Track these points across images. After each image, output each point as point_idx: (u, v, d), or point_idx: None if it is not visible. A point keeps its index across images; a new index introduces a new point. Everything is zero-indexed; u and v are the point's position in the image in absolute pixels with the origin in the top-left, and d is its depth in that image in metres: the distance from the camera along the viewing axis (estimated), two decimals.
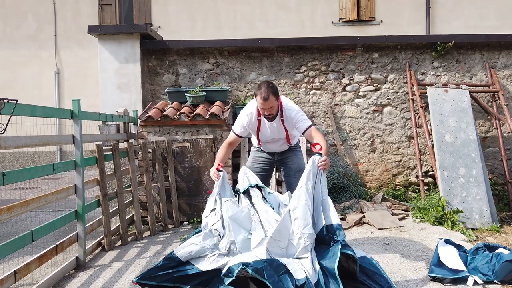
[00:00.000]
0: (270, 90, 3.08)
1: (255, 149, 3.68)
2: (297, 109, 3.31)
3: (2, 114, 2.56)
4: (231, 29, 10.87)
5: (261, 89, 3.10)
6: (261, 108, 3.17)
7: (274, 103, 3.14)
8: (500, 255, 3.12)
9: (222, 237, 2.90)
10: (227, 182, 3.18)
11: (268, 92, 3.07)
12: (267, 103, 3.09)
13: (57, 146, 10.35)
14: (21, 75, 10.81)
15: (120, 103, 5.53)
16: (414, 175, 5.79)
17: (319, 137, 3.16)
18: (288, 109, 3.28)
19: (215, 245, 2.85)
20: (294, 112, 3.27)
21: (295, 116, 3.26)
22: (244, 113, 3.36)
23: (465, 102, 5.30)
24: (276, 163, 3.63)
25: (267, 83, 3.13)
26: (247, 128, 3.37)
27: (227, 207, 2.93)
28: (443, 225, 4.58)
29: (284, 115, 3.28)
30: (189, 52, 5.86)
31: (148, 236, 4.58)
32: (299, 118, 3.25)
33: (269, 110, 3.16)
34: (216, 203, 3.05)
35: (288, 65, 5.83)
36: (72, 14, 10.96)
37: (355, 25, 10.85)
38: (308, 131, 3.22)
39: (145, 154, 4.72)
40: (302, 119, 3.25)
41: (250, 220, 2.90)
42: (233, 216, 2.88)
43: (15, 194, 7.18)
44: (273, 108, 3.17)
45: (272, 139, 3.46)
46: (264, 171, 3.59)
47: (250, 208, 2.95)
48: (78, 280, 3.29)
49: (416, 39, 5.81)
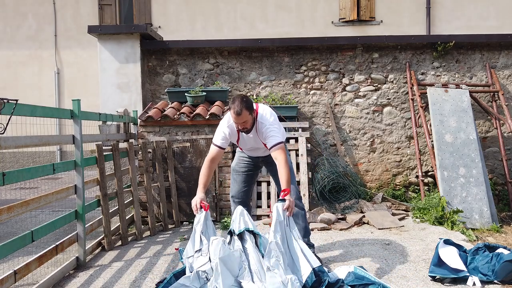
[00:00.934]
0: (243, 105, 3.02)
1: (239, 151, 3.67)
2: (270, 123, 3.20)
3: (2, 114, 2.56)
4: (231, 29, 10.86)
5: (234, 103, 3.04)
6: (235, 123, 3.13)
7: (248, 117, 3.08)
8: (500, 255, 3.12)
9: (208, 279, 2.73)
10: (210, 220, 3.05)
11: (241, 107, 3.02)
12: (240, 117, 3.04)
13: (57, 146, 10.35)
14: (21, 75, 10.81)
15: (120, 103, 5.53)
16: (414, 175, 5.79)
17: (280, 160, 3.06)
18: (261, 122, 3.21)
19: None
20: (265, 127, 3.18)
21: (265, 131, 3.17)
22: (223, 125, 3.29)
23: (465, 102, 5.30)
24: (261, 163, 3.63)
25: (241, 98, 3.07)
26: (228, 138, 3.30)
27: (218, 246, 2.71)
28: (443, 225, 4.58)
29: (257, 128, 3.23)
30: (189, 52, 5.86)
31: (148, 236, 4.58)
32: (269, 134, 3.15)
33: (242, 124, 3.10)
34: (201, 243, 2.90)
35: (288, 65, 5.83)
36: (72, 14, 10.96)
37: (355, 25, 10.85)
38: (272, 150, 3.13)
39: (145, 154, 4.72)
40: (271, 135, 3.14)
41: (239, 266, 2.75)
42: (224, 258, 2.68)
43: (15, 194, 7.18)
44: (246, 122, 3.11)
45: (251, 148, 3.45)
46: (249, 171, 3.60)
47: (241, 253, 2.79)
48: (78, 280, 3.29)
49: (416, 39, 5.81)
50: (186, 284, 2.71)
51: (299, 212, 3.41)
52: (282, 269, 2.63)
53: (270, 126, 3.19)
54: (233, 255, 2.75)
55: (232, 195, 3.66)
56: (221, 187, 5.09)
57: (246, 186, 3.60)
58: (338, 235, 4.39)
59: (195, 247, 2.94)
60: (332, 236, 4.37)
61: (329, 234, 4.45)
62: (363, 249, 3.90)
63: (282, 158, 3.07)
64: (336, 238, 4.27)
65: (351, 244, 4.06)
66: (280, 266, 2.64)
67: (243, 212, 2.97)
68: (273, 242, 2.70)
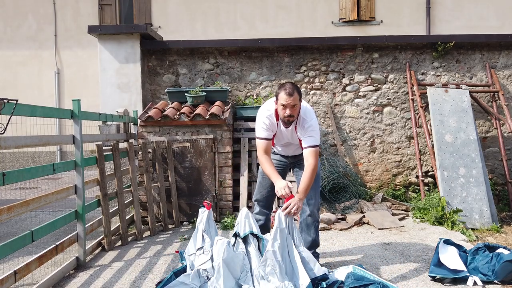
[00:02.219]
0: (295, 88, 3.01)
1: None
2: (313, 121, 3.15)
3: (2, 114, 2.56)
4: (231, 29, 10.86)
5: (285, 85, 3.02)
6: (283, 106, 3.01)
7: (297, 102, 3.03)
8: (500, 255, 3.12)
9: (209, 278, 2.74)
10: (212, 219, 3.04)
11: (293, 89, 2.99)
12: (292, 99, 2.96)
13: (57, 146, 10.35)
14: (21, 75, 10.81)
15: (120, 103, 5.53)
16: (414, 175, 5.79)
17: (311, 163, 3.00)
18: (304, 118, 3.14)
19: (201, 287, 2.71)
20: (308, 124, 3.11)
21: (307, 127, 3.10)
22: (262, 116, 3.20)
23: (465, 102, 5.30)
24: (290, 165, 3.51)
25: (291, 83, 3.06)
26: (270, 128, 3.20)
27: (222, 247, 2.71)
28: (443, 225, 4.58)
29: (299, 122, 3.15)
30: (189, 52, 5.86)
31: (148, 236, 4.58)
32: (309, 132, 3.09)
33: (291, 109, 3.01)
34: (203, 241, 2.89)
35: (288, 65, 5.83)
36: (72, 14, 10.96)
37: (355, 25, 10.85)
38: (307, 150, 3.06)
39: (145, 154, 4.72)
40: (311, 135, 3.08)
41: (242, 269, 2.74)
42: (227, 260, 2.68)
43: (15, 194, 7.18)
44: (295, 108, 3.03)
45: (286, 143, 3.34)
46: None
47: (244, 256, 2.78)
48: (78, 280, 3.28)
49: (416, 39, 5.81)
50: (186, 282, 2.71)
51: (313, 223, 3.30)
52: (277, 277, 2.61)
53: (313, 124, 3.12)
54: (237, 257, 2.74)
55: (256, 198, 3.47)
56: (221, 187, 5.09)
57: (272, 190, 3.33)
58: (338, 235, 4.39)
59: (197, 245, 2.94)
60: (332, 236, 4.37)
61: (329, 234, 4.45)
62: (363, 249, 3.90)
63: (313, 162, 3.01)
64: (336, 238, 4.28)
65: (351, 244, 4.06)
66: (275, 274, 2.62)
67: (248, 214, 2.95)
68: (269, 251, 2.67)
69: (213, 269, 2.74)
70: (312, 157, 3.03)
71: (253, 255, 2.79)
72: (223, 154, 5.09)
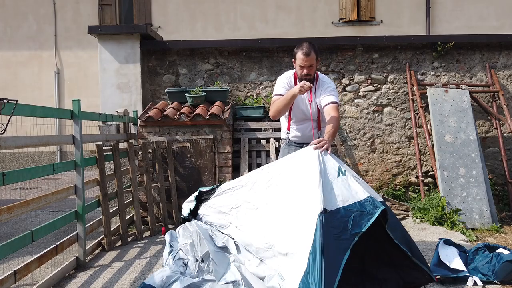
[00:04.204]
0: (311, 47, 3.03)
1: (283, 143, 3.51)
2: (331, 83, 3.22)
3: (2, 114, 2.56)
4: (231, 29, 10.86)
5: (302, 45, 3.05)
6: (300, 66, 3.07)
7: (314, 62, 3.07)
8: (500, 255, 3.12)
9: (187, 264, 2.84)
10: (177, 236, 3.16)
11: (310, 49, 3.02)
12: (309, 58, 3.01)
13: (57, 146, 10.35)
14: (21, 75, 10.81)
15: (120, 103, 5.53)
16: (414, 175, 5.79)
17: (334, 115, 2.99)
18: (322, 80, 3.19)
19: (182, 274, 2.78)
20: (327, 85, 3.15)
21: (326, 88, 3.14)
22: (282, 77, 3.27)
23: (465, 102, 5.30)
24: None
25: (309, 42, 3.09)
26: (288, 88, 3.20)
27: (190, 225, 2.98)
28: (443, 225, 4.58)
29: (318, 84, 3.18)
30: (189, 52, 5.86)
31: (148, 236, 4.58)
32: (328, 92, 3.12)
33: (308, 68, 3.05)
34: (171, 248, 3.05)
35: (288, 65, 5.83)
36: (72, 14, 10.96)
37: (355, 25, 10.85)
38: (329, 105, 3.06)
39: (145, 154, 4.72)
40: (331, 94, 3.11)
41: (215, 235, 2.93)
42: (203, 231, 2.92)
43: (15, 194, 7.18)
44: (312, 67, 3.07)
45: (303, 119, 3.28)
46: None
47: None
48: (78, 281, 3.28)
49: (416, 39, 5.81)
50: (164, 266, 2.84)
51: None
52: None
53: (331, 84, 3.18)
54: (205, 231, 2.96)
55: None
56: None
57: None
58: None
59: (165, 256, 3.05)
60: None
61: None
62: None
63: (336, 114, 3.01)
64: None
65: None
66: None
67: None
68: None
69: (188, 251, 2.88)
70: (333, 110, 3.03)
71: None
72: (223, 154, 5.09)
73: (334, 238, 2.22)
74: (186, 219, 3.22)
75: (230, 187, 3.02)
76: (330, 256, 2.15)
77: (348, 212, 2.34)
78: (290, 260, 2.30)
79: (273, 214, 2.57)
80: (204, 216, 3.11)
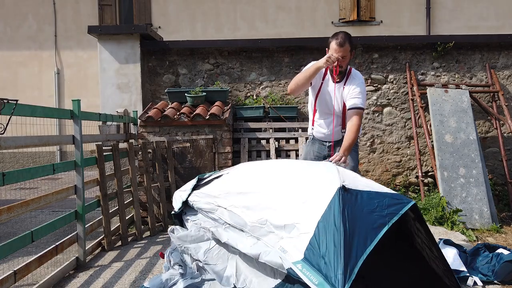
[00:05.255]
0: (347, 38, 2.94)
1: (308, 140, 3.40)
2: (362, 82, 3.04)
3: (2, 114, 2.56)
4: (231, 29, 10.86)
5: (338, 35, 2.96)
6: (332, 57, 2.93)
7: (348, 54, 2.96)
8: (500, 256, 3.12)
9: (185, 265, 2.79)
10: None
11: (345, 39, 2.93)
12: (342, 49, 2.91)
13: (57, 146, 10.35)
14: (21, 75, 10.81)
15: (120, 103, 5.53)
16: (414, 175, 5.79)
17: (355, 123, 2.84)
18: (354, 77, 3.05)
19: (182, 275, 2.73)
20: (357, 83, 2.99)
21: (355, 87, 2.97)
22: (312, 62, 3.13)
23: (465, 102, 5.30)
24: (328, 157, 3.20)
25: (344, 32, 2.99)
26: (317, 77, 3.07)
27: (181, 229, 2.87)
28: (443, 226, 4.58)
29: (349, 80, 3.04)
30: (189, 53, 5.86)
31: (148, 236, 4.58)
32: (357, 93, 2.95)
33: (341, 60, 2.93)
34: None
35: (288, 65, 5.83)
36: (72, 14, 10.96)
37: (355, 25, 10.85)
38: (353, 110, 2.91)
39: (145, 155, 4.72)
40: (358, 96, 2.95)
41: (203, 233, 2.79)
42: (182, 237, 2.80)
43: (15, 194, 7.17)
44: (345, 59, 2.96)
45: (328, 112, 3.14)
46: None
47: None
48: (78, 281, 3.28)
49: (416, 40, 5.81)
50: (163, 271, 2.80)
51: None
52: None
53: (361, 85, 3.01)
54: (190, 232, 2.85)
55: None
56: None
57: None
58: None
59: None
60: None
61: None
62: None
63: (358, 122, 2.88)
64: None
65: None
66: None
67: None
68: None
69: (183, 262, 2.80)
70: (357, 117, 2.90)
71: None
72: (223, 154, 5.09)
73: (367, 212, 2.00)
74: (177, 214, 3.07)
75: (223, 173, 2.92)
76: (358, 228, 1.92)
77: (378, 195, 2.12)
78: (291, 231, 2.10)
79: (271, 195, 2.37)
80: (194, 202, 2.94)
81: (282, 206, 2.23)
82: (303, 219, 2.06)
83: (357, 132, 2.86)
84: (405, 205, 2.10)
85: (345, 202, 1.99)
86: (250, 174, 2.68)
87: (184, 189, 3.09)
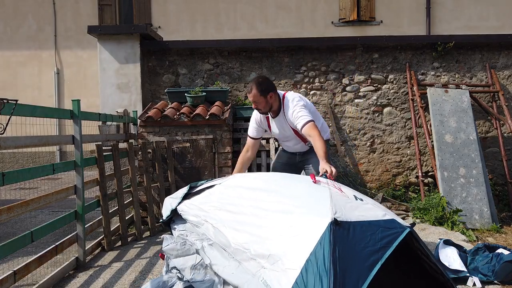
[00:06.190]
0: (255, 84, 3.11)
1: (280, 148, 3.68)
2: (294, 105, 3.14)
3: (2, 114, 2.56)
4: (231, 29, 10.86)
5: (251, 82, 3.19)
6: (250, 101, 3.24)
7: (259, 98, 3.13)
8: (500, 256, 3.12)
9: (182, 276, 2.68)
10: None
11: (252, 85, 3.13)
12: (250, 95, 3.15)
13: (57, 146, 10.35)
14: (21, 75, 10.81)
15: (120, 103, 5.53)
16: (414, 175, 5.79)
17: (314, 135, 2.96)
18: (287, 106, 3.18)
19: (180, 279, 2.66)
20: (290, 111, 3.14)
21: (291, 114, 3.13)
22: (254, 113, 3.41)
23: (465, 102, 5.30)
24: (298, 164, 3.51)
25: (257, 79, 3.19)
26: (259, 125, 3.38)
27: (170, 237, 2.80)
28: (443, 226, 4.58)
29: (285, 108, 3.22)
30: (189, 53, 5.86)
31: (148, 236, 4.57)
32: (296, 115, 3.09)
33: (255, 104, 3.19)
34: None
35: (288, 65, 5.83)
36: (72, 14, 10.96)
37: (355, 25, 10.85)
38: (305, 127, 3.03)
39: (145, 155, 4.72)
40: (298, 116, 3.08)
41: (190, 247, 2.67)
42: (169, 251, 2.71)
43: (15, 194, 7.17)
44: (258, 103, 3.16)
45: (285, 139, 3.40)
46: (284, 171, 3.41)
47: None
48: (78, 281, 3.28)
49: (416, 40, 5.81)
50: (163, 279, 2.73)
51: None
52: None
53: (295, 107, 3.13)
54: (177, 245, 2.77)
55: None
56: None
57: None
58: None
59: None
60: None
61: None
62: None
63: (315, 133, 2.96)
64: None
65: None
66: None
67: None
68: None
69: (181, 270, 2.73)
70: (311, 130, 3.00)
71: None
72: (223, 154, 5.08)
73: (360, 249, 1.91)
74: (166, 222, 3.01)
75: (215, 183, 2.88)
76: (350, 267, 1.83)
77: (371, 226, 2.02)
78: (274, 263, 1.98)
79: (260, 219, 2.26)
80: (183, 212, 2.87)
81: (269, 233, 2.13)
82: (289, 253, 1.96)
83: (321, 139, 2.96)
84: (400, 234, 2.03)
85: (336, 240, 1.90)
86: (242, 190, 2.62)
87: (175, 196, 3.05)
